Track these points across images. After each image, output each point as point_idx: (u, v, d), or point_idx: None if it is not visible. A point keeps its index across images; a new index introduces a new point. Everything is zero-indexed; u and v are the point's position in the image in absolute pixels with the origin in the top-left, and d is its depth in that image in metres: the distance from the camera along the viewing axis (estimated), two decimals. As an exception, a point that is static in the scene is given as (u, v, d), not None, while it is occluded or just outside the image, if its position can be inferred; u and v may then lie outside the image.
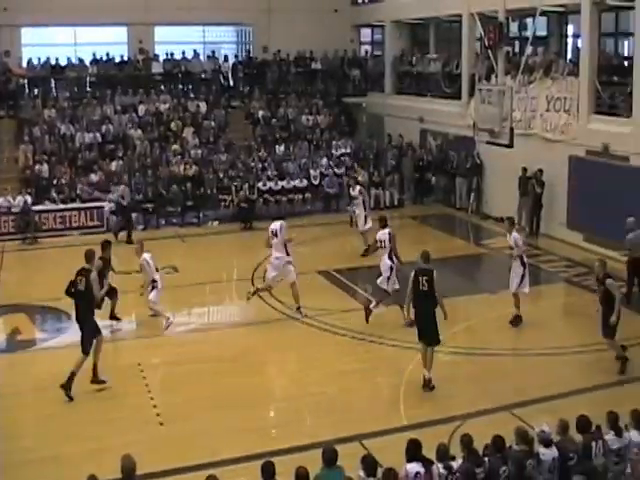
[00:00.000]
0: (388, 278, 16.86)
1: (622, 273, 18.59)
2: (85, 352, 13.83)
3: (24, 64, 31.91)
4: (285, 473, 8.98)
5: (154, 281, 17.00)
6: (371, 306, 16.91)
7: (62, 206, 26.05)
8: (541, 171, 23.90)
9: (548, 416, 11.32)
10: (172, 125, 30.78)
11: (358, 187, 23.17)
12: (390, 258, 16.92)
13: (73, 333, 16.84)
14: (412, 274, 13.96)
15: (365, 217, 22.29)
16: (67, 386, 13.58)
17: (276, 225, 17.40)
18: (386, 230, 17.22)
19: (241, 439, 12.15)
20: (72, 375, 13.64)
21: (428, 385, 13.77)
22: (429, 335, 13.83)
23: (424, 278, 13.70)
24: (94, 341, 13.99)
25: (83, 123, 29.97)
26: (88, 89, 32.46)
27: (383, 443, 11.84)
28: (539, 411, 12.66)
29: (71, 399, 13.56)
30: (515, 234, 16.81)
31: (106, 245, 16.57)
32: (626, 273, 18.69)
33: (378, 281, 17.06)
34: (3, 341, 17.00)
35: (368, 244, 20.65)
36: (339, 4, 36.35)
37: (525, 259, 16.88)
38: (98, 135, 29.69)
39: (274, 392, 14.32)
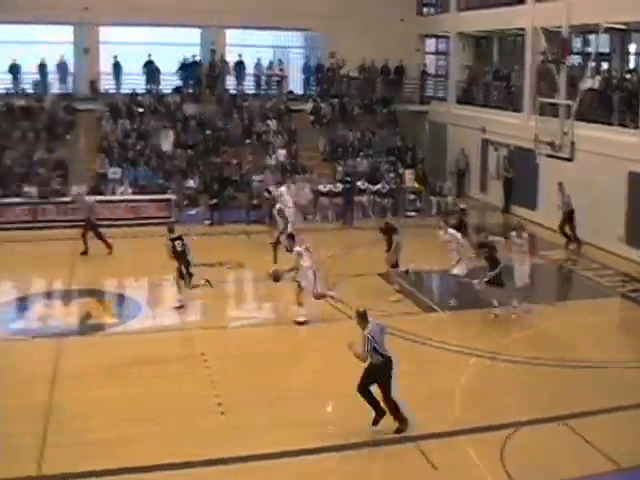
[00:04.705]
0: None
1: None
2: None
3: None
4: (335, 470, 9.15)
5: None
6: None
7: (133, 197, 27.40)
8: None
9: (601, 428, 11.55)
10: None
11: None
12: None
13: (142, 320, 17.88)
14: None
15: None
16: None
17: None
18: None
19: (296, 433, 12.27)
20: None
21: None
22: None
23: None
24: None
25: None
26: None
27: (436, 446, 12.04)
28: (593, 423, 12.69)
29: None
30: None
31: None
32: None
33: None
34: (74, 324, 17.77)
35: None
36: (405, 14, 36.68)
37: None
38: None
39: (329, 389, 14.23)
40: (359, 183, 29.06)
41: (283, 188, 24.97)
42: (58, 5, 31.43)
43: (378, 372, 12.27)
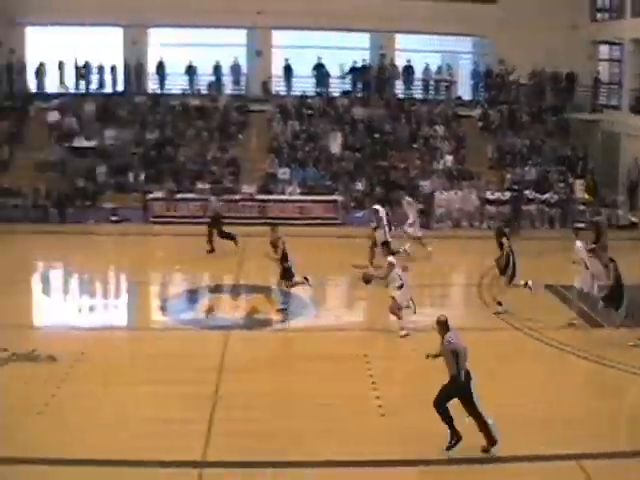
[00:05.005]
0: None
1: None
2: None
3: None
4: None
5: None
6: None
7: (301, 197, 28.26)
8: None
9: None
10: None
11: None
12: None
13: (307, 318, 18.27)
14: None
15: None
16: None
17: None
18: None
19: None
20: None
21: None
22: None
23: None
24: None
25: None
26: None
27: (598, 465, 11.55)
28: None
29: None
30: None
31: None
32: None
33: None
34: (242, 318, 18.40)
35: None
36: (578, 19, 35.69)
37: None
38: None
39: (490, 400, 13.16)
40: (527, 192, 28.58)
41: (408, 199, 24.73)
42: (233, 9, 32.49)
43: (456, 387, 11.89)
